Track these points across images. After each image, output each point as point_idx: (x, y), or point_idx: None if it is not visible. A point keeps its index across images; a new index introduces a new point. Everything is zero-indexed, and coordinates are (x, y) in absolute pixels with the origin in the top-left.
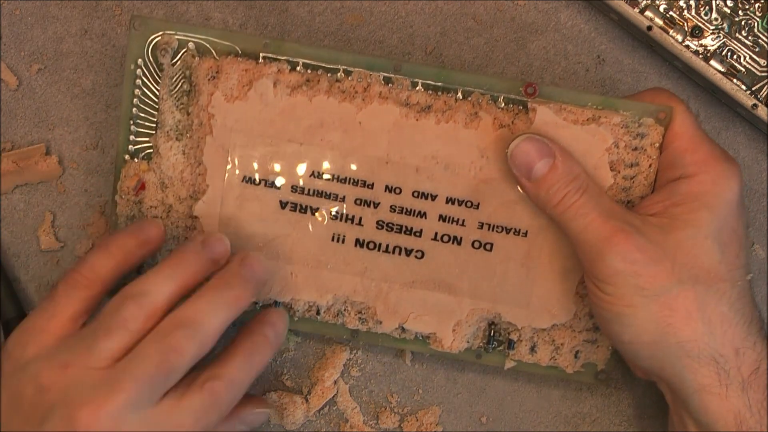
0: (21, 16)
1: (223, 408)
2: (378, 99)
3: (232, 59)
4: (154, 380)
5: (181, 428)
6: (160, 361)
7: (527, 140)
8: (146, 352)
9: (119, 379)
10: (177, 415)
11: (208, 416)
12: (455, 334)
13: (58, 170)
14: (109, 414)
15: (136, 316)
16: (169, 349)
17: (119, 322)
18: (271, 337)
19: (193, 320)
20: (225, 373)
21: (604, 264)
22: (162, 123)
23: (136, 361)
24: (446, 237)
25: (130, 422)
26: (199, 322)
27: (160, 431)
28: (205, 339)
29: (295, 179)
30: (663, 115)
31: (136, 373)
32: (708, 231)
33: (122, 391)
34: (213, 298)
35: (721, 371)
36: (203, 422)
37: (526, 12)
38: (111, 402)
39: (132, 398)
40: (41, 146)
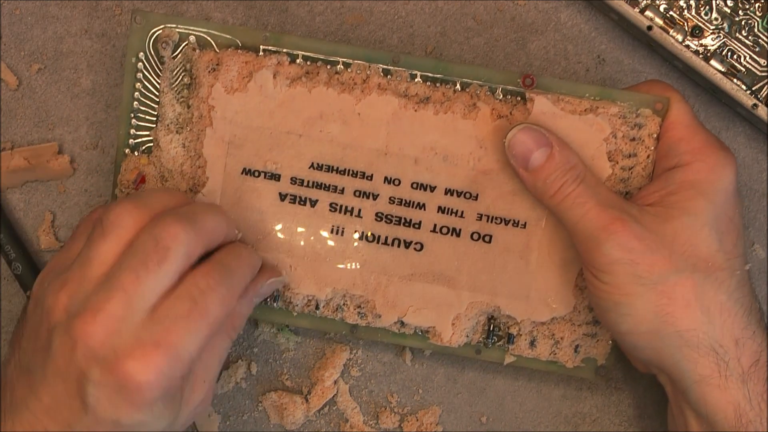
0: (21, 16)
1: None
2: (377, 90)
3: (233, 52)
4: (149, 266)
5: (179, 317)
6: (153, 246)
7: (524, 130)
8: (138, 241)
9: (115, 276)
10: (173, 305)
11: (205, 296)
12: (454, 328)
13: (69, 170)
14: (108, 316)
15: (130, 215)
16: (160, 232)
17: (111, 223)
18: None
19: (184, 211)
20: (211, 259)
21: (602, 253)
22: (162, 116)
23: (128, 253)
24: (445, 229)
25: (126, 323)
26: (191, 211)
27: (157, 325)
28: (198, 227)
29: (294, 171)
30: (660, 105)
31: (131, 264)
32: (705, 219)
33: (118, 289)
34: (210, 205)
35: (720, 362)
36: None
37: (526, 12)
38: (106, 306)
39: (131, 293)
40: (54, 145)
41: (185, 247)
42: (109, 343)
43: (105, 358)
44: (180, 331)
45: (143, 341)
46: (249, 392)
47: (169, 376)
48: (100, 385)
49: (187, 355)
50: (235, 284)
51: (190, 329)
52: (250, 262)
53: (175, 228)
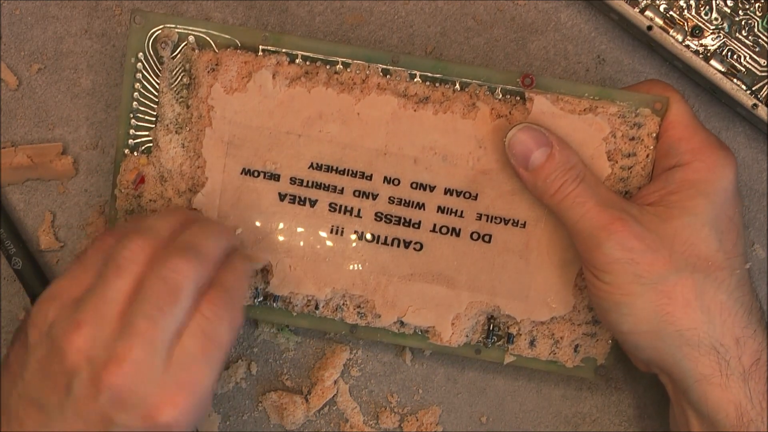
0: (21, 16)
1: (226, 312)
2: (376, 90)
3: (232, 52)
4: (165, 310)
5: (196, 355)
6: (164, 289)
7: (524, 129)
8: (149, 284)
9: (132, 323)
10: (188, 344)
11: (215, 327)
12: (454, 328)
13: (71, 171)
14: (133, 364)
15: (142, 248)
16: (168, 273)
17: (127, 258)
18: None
19: (187, 242)
20: (212, 283)
21: (602, 252)
22: (162, 116)
23: (141, 298)
24: (445, 229)
25: (151, 369)
26: (193, 241)
27: (179, 369)
28: (203, 257)
29: (293, 171)
30: (659, 105)
31: (145, 310)
32: (705, 219)
33: (138, 335)
34: (207, 225)
35: (721, 361)
36: (214, 338)
37: (526, 12)
38: (131, 352)
39: (150, 338)
40: (58, 145)
41: (194, 283)
42: (136, 390)
43: (133, 405)
44: (201, 369)
45: (170, 388)
46: (249, 392)
47: (196, 414)
48: (128, 430)
49: (209, 390)
50: (239, 304)
51: (209, 364)
52: (246, 277)
53: (182, 265)
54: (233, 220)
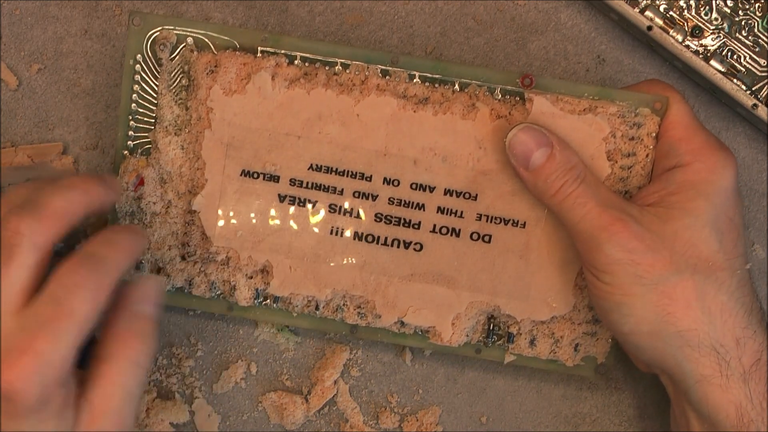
0: (21, 16)
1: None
2: (376, 91)
3: (231, 53)
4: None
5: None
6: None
7: (525, 130)
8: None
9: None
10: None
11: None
12: (454, 328)
13: (71, 171)
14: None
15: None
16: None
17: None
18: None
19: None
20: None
21: (602, 253)
22: (161, 118)
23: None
24: (444, 229)
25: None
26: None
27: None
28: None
29: (293, 172)
30: (659, 105)
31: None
32: (705, 219)
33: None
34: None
35: (721, 361)
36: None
37: (526, 12)
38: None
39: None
40: (59, 145)
41: (30, 239)
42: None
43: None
44: (46, 336)
45: (9, 349)
46: (249, 392)
47: (41, 383)
48: None
49: (58, 360)
50: (106, 276)
51: (57, 333)
52: (126, 247)
53: (14, 222)
54: (233, 222)
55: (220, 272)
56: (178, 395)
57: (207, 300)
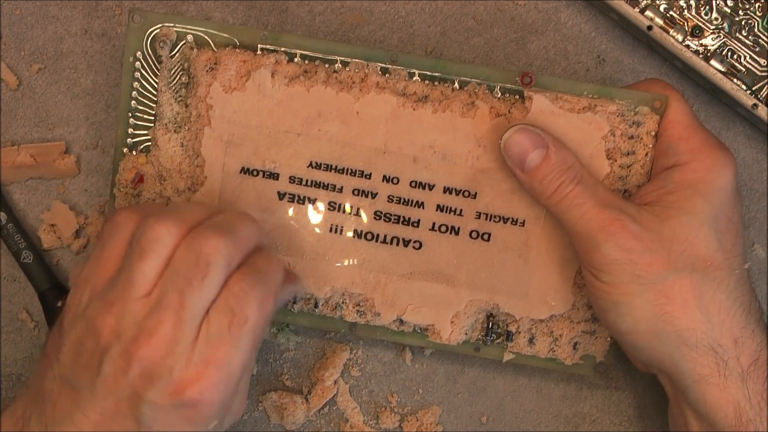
0: (21, 16)
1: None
2: (375, 89)
3: (230, 51)
4: (194, 284)
5: (222, 331)
6: (195, 262)
7: (520, 131)
8: (179, 258)
9: (162, 298)
10: (214, 320)
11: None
12: (453, 326)
13: (74, 170)
14: (162, 338)
15: (169, 231)
16: (200, 247)
17: (151, 240)
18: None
19: (220, 222)
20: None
21: (600, 253)
22: (160, 115)
23: (171, 272)
24: (444, 227)
25: (179, 344)
26: (227, 222)
27: (205, 344)
28: (235, 237)
29: (293, 170)
30: (658, 103)
31: (176, 283)
32: (703, 218)
33: (168, 309)
34: (241, 214)
35: (719, 361)
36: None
37: (526, 12)
38: (160, 326)
39: (179, 312)
40: (61, 144)
41: (225, 259)
42: (164, 364)
43: (161, 379)
44: (227, 346)
45: (196, 363)
46: (249, 392)
47: (224, 391)
48: (156, 406)
49: (238, 368)
50: (270, 287)
51: (234, 341)
52: (279, 266)
53: (214, 241)
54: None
55: None
56: None
57: None
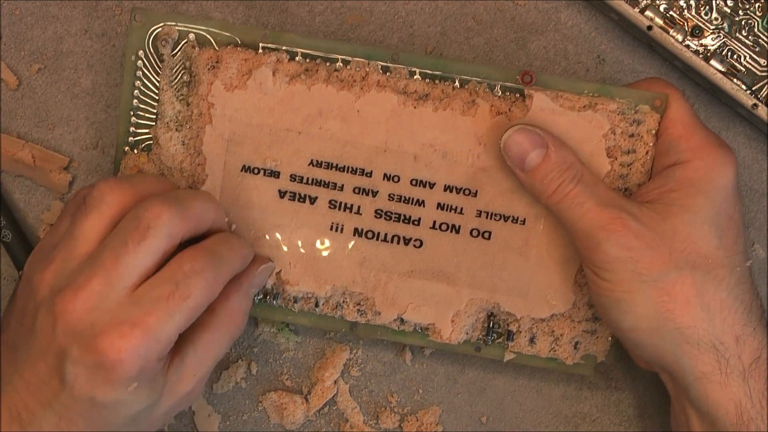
0: (21, 16)
1: (206, 272)
2: (376, 87)
3: (232, 49)
4: (129, 246)
5: (159, 299)
6: (135, 226)
7: (519, 131)
8: (123, 222)
9: (96, 257)
10: (154, 287)
11: (188, 280)
12: (454, 325)
13: (64, 189)
14: (89, 294)
15: (113, 192)
16: (143, 213)
17: (95, 199)
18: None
19: (172, 194)
20: (199, 244)
21: (602, 251)
22: (162, 114)
23: (113, 234)
24: (444, 225)
25: (106, 301)
26: (178, 195)
27: (136, 306)
28: (183, 210)
29: (293, 168)
30: (659, 102)
31: (112, 244)
32: (704, 216)
33: (99, 267)
34: (200, 192)
35: (721, 359)
36: (183, 288)
37: (526, 12)
38: (87, 284)
39: (110, 272)
40: (65, 159)
41: (167, 228)
42: (88, 320)
43: (83, 335)
44: (159, 313)
45: (121, 320)
46: (249, 392)
47: (144, 356)
48: (78, 363)
49: (165, 338)
50: (222, 272)
51: (170, 312)
52: (240, 253)
53: (158, 208)
54: (233, 217)
55: None
56: None
57: None
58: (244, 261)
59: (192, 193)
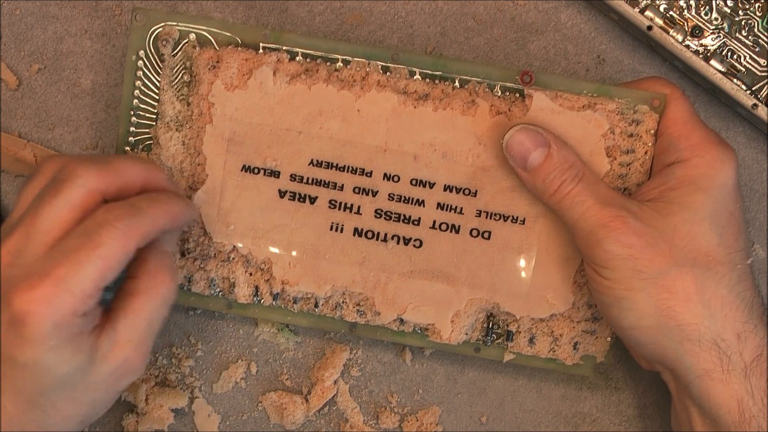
0: (21, 16)
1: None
2: (376, 87)
3: (232, 49)
4: (45, 199)
5: (71, 249)
6: (53, 184)
7: (522, 130)
8: (47, 186)
9: (21, 219)
10: (68, 238)
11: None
12: (454, 325)
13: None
14: (8, 250)
15: (57, 162)
16: (62, 170)
17: (39, 171)
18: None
19: (98, 156)
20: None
21: (602, 249)
22: (162, 114)
23: (37, 195)
24: (444, 225)
25: (23, 256)
26: (104, 157)
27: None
28: (104, 167)
29: (294, 168)
30: (657, 102)
31: (34, 203)
32: (704, 214)
33: (21, 225)
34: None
35: (722, 356)
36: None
37: (526, 12)
38: (9, 239)
39: (28, 227)
40: None
41: (82, 179)
42: (5, 275)
43: (0, 291)
44: (70, 263)
45: (32, 273)
46: (249, 392)
47: (57, 308)
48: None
49: (78, 290)
50: (140, 224)
51: (81, 262)
52: (166, 208)
53: (75, 164)
54: (233, 217)
55: (220, 269)
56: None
57: (206, 297)
58: (173, 217)
59: (123, 156)
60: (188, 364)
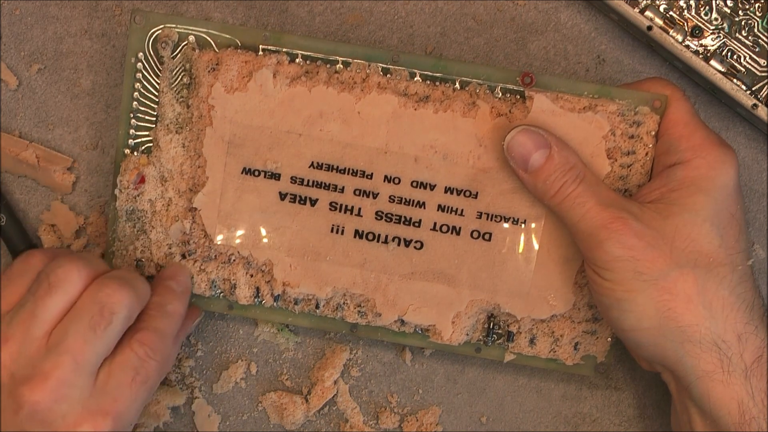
0: (21, 16)
1: (156, 353)
2: (377, 89)
3: (232, 51)
4: (97, 332)
5: (123, 385)
6: (99, 310)
7: (523, 132)
8: (84, 304)
9: (62, 341)
10: (116, 373)
11: (145, 365)
12: (454, 326)
13: (67, 189)
14: (57, 383)
15: (80, 273)
16: (107, 297)
17: (62, 278)
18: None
19: (123, 275)
20: (145, 326)
21: (603, 251)
22: (162, 116)
23: (75, 316)
24: (445, 227)
25: (74, 389)
26: (129, 276)
27: (104, 394)
28: (137, 292)
29: (294, 170)
30: (658, 103)
31: (78, 328)
32: (705, 215)
33: (66, 353)
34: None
35: (723, 357)
36: (143, 373)
37: (526, 12)
38: (56, 370)
39: (78, 358)
40: (69, 160)
41: (128, 311)
42: (57, 409)
43: (53, 424)
44: (125, 400)
45: (92, 410)
46: (249, 392)
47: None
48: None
49: (132, 420)
50: (168, 345)
51: (134, 397)
52: (178, 318)
53: (119, 293)
54: (234, 219)
55: (221, 270)
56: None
57: (207, 299)
58: (181, 319)
59: (133, 274)
60: (188, 364)
